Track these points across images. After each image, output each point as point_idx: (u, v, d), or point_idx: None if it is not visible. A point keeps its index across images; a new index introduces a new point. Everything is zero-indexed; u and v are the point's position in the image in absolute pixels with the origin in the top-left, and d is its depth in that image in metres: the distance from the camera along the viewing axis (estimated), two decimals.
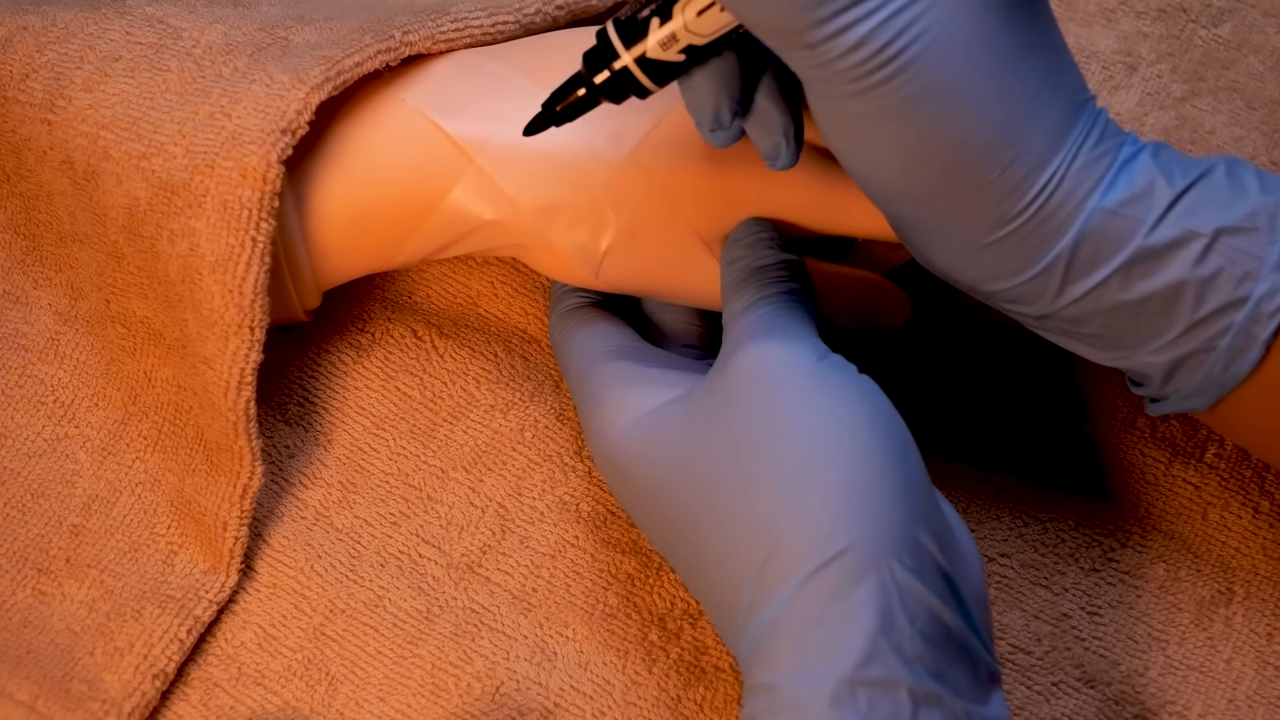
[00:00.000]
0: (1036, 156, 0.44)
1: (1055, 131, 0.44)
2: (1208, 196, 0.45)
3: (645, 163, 0.53)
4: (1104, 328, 0.46)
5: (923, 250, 0.47)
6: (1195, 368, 0.46)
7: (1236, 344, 0.45)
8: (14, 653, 0.52)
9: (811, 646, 0.41)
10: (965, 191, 0.44)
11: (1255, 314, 0.44)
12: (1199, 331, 0.45)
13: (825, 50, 0.42)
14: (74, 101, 0.54)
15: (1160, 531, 0.56)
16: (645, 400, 0.49)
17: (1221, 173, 0.45)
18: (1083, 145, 0.45)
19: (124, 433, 0.57)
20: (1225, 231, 0.44)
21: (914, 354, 0.59)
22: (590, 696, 0.53)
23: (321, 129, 0.54)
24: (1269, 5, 0.66)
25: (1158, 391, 0.48)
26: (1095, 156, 0.45)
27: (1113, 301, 0.45)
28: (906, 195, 0.46)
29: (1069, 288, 0.45)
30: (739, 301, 0.50)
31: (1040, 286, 0.46)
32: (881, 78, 0.42)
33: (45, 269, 0.59)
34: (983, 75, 0.43)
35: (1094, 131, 0.45)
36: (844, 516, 0.42)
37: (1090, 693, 0.54)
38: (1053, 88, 0.44)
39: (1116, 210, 0.44)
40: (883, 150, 0.44)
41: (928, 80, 0.43)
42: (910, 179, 0.45)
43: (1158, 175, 0.45)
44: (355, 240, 0.54)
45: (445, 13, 0.55)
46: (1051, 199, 0.44)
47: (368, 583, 0.55)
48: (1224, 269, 0.44)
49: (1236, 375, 0.45)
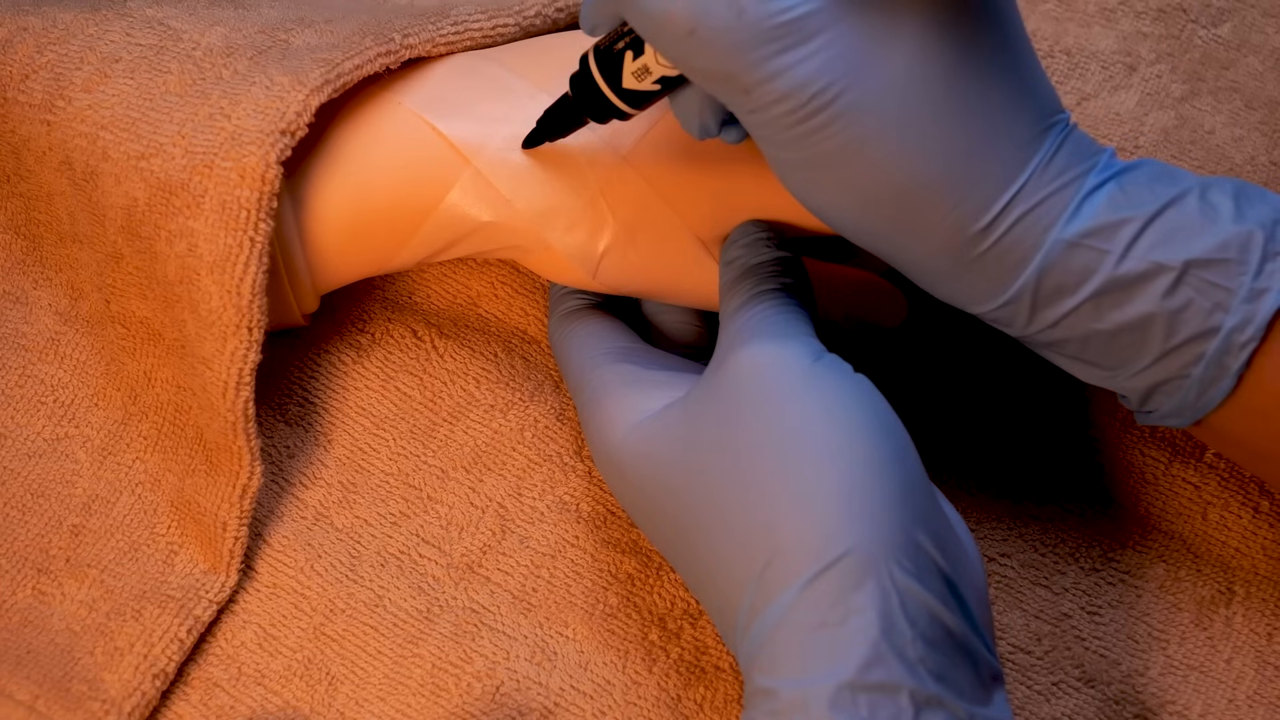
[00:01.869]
0: (989, 193, 0.44)
1: (1012, 164, 0.44)
2: (1178, 226, 0.45)
3: (642, 164, 0.53)
4: (1079, 352, 0.47)
5: (902, 270, 0.48)
6: (1171, 392, 0.46)
7: (1209, 373, 0.45)
8: (14, 653, 0.52)
9: (812, 651, 0.41)
10: (916, 231, 0.45)
11: (1227, 345, 0.45)
12: (1171, 360, 0.45)
13: (760, 96, 0.43)
14: (73, 102, 0.54)
15: (1160, 531, 0.56)
16: (645, 403, 0.49)
17: (1194, 198, 0.45)
18: (1044, 175, 0.45)
19: (124, 433, 0.57)
20: (1195, 264, 0.44)
21: (912, 354, 0.59)
22: (590, 696, 0.53)
23: (319, 133, 0.54)
24: (1269, 5, 0.66)
25: (1137, 409, 0.48)
26: (1058, 186, 0.45)
27: (1085, 330, 0.46)
28: (861, 234, 0.46)
29: (1038, 315, 0.46)
30: (735, 300, 0.50)
31: (1010, 314, 0.46)
32: (816, 124, 0.43)
33: (45, 269, 0.59)
34: (925, 118, 0.43)
35: (1058, 158, 0.45)
36: (843, 520, 0.42)
37: (1090, 693, 0.54)
38: (1011, 116, 0.44)
39: (1078, 242, 0.45)
40: (829, 194, 0.45)
41: (864, 126, 0.43)
42: (861, 220, 0.46)
43: (1124, 203, 0.45)
44: (353, 243, 0.54)
45: (445, 15, 0.55)
46: (1010, 234, 0.45)
47: (368, 583, 0.55)
48: (1194, 300, 0.44)
49: (1211, 401, 0.46)
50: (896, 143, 0.43)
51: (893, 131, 0.43)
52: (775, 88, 0.43)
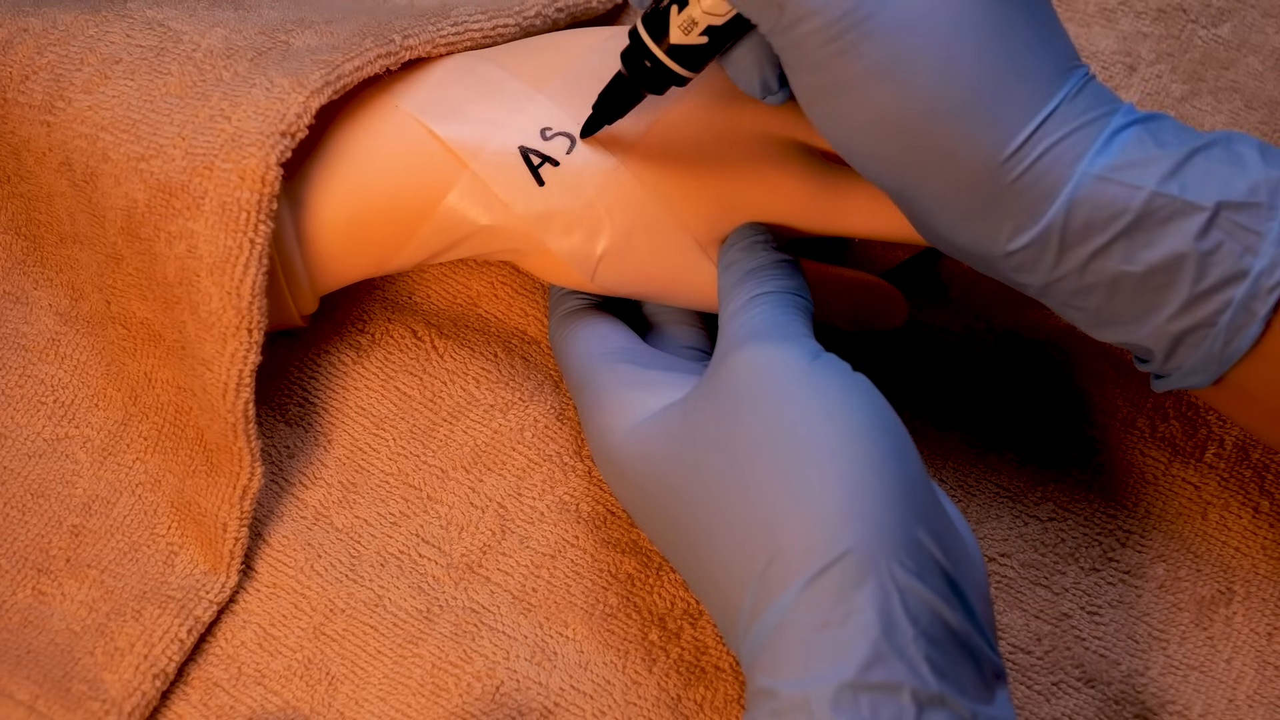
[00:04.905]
0: (1016, 121, 0.44)
1: (1038, 95, 0.44)
2: (1208, 170, 0.44)
3: (640, 168, 0.53)
4: (1106, 300, 0.46)
5: (919, 219, 0.48)
6: (1196, 343, 0.46)
7: (1236, 320, 0.45)
8: (14, 653, 0.52)
9: (814, 651, 0.41)
10: (942, 160, 0.45)
11: (1255, 289, 0.44)
12: (1199, 306, 0.45)
13: (794, 10, 0.43)
14: (73, 103, 0.54)
15: (1160, 531, 0.56)
16: (646, 403, 0.49)
17: (1222, 146, 0.45)
18: (1070, 109, 0.45)
19: (124, 433, 0.57)
20: (1226, 206, 0.44)
21: (911, 354, 0.59)
22: (590, 696, 0.53)
23: (317, 134, 0.54)
24: (1269, 5, 0.66)
25: (1160, 368, 0.48)
26: (1085, 121, 0.45)
27: (1113, 272, 0.45)
28: (885, 168, 0.46)
29: (1066, 256, 0.45)
30: (734, 302, 0.50)
31: (1036, 256, 0.46)
32: (848, 43, 0.43)
33: (45, 270, 0.59)
34: (953, 43, 0.43)
35: (1083, 96, 0.45)
36: (843, 519, 0.42)
37: (1090, 692, 0.54)
38: (1036, 52, 0.44)
39: (1108, 176, 0.44)
40: (855, 121, 0.45)
41: (895, 47, 0.43)
42: (886, 150, 0.45)
43: (1152, 144, 0.45)
44: (351, 245, 0.54)
45: (445, 16, 0.55)
46: (1037, 164, 0.44)
47: (368, 582, 0.55)
48: (1224, 243, 0.44)
49: (1237, 351, 0.45)
50: (927, 65, 0.43)
51: (923, 53, 0.43)
52: (809, 4, 0.43)
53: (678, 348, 0.56)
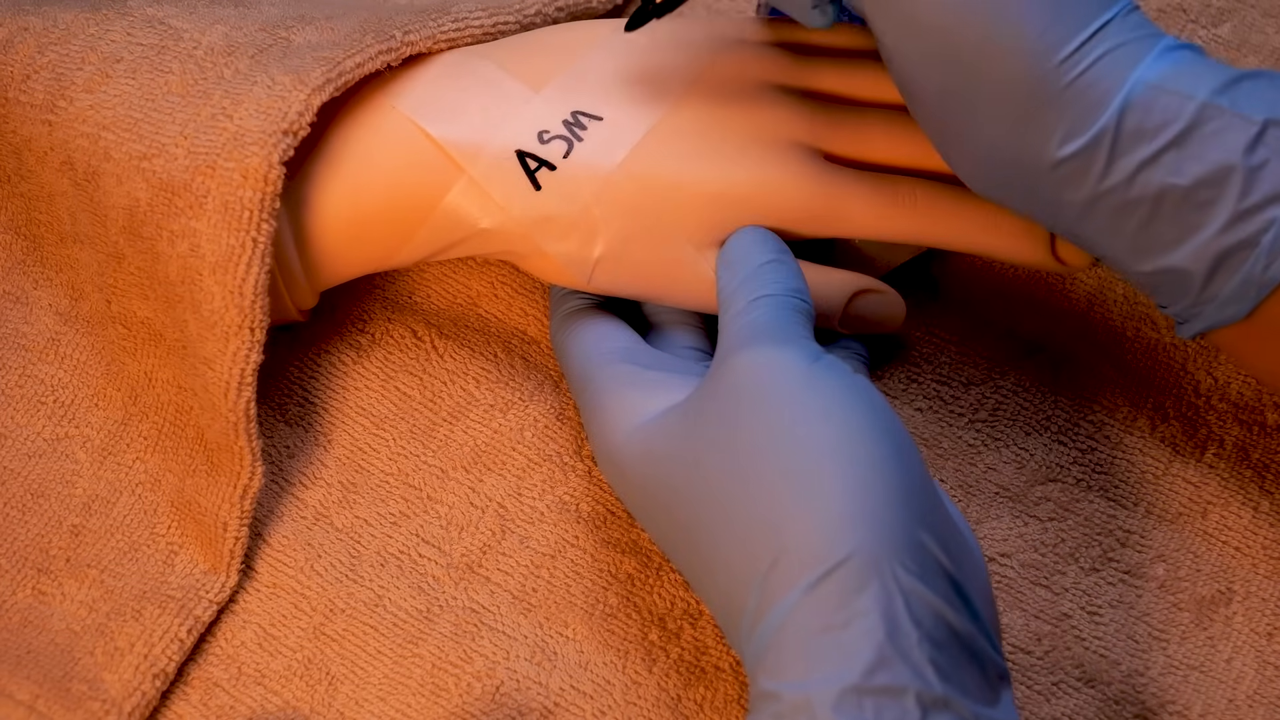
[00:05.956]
0: (1073, 24, 0.45)
1: (1092, 7, 0.45)
2: (1254, 92, 0.45)
3: (637, 171, 0.53)
4: (1148, 219, 0.46)
5: (962, 129, 0.48)
6: (1236, 267, 0.45)
7: (1279, 242, 0.45)
8: (14, 653, 0.52)
9: (817, 655, 0.41)
10: (1001, 55, 0.45)
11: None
12: (1243, 224, 0.45)
13: None
14: (75, 102, 0.54)
15: (1160, 531, 0.56)
16: (647, 404, 0.49)
17: (1266, 76, 0.46)
18: (1122, 25, 0.45)
19: (124, 433, 0.57)
20: (1274, 124, 0.44)
21: (911, 354, 0.59)
22: (590, 696, 0.53)
23: (317, 131, 0.54)
24: (1269, 5, 0.66)
25: (1196, 298, 0.47)
26: (1135, 37, 0.45)
27: (1159, 185, 0.45)
28: (938, 64, 0.46)
29: (1115, 163, 0.45)
30: (734, 304, 0.50)
31: (1085, 164, 0.46)
32: None
33: (46, 269, 0.59)
34: None
35: (1134, 16, 0.46)
36: (845, 522, 0.42)
37: (1090, 693, 0.54)
38: None
39: (1161, 85, 0.45)
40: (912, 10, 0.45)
41: None
42: (939, 45, 0.46)
43: (1202, 66, 0.45)
44: (351, 243, 0.54)
45: (446, 12, 0.55)
46: (1090, 71, 0.45)
47: (368, 582, 0.55)
48: (1270, 161, 0.44)
49: (1277, 275, 0.45)
50: None
51: None
52: None
53: (678, 348, 0.56)
